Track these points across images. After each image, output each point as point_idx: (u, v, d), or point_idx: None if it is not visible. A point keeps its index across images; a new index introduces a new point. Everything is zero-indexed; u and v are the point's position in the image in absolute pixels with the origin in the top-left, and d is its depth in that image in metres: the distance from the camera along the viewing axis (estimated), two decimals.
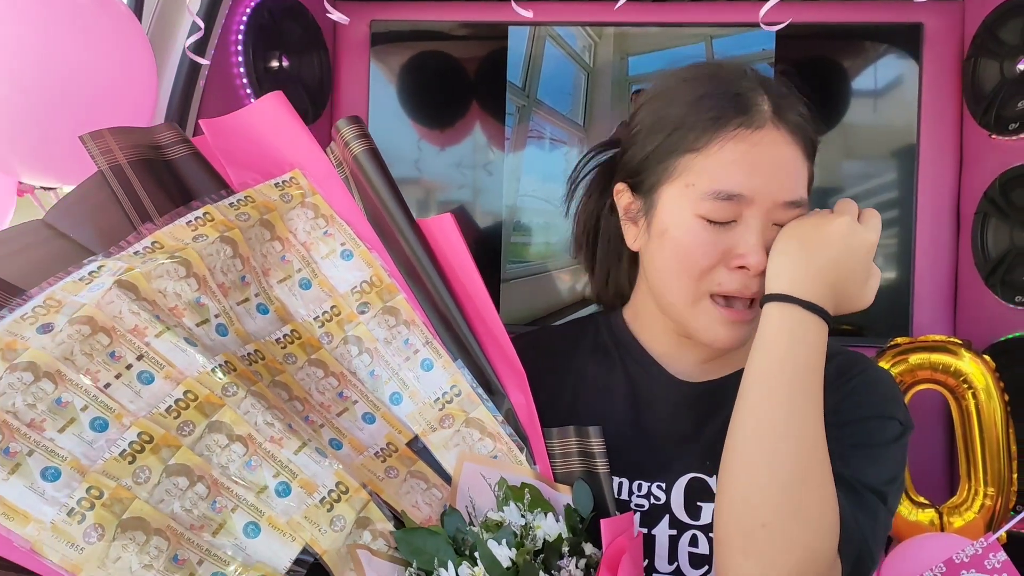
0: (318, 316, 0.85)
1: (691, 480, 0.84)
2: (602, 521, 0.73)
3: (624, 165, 0.88)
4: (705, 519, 0.83)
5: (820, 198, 1.94)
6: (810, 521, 0.70)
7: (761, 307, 0.76)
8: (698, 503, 0.83)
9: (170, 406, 0.70)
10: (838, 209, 0.79)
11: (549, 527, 0.73)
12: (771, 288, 0.76)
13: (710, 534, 0.82)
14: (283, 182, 0.88)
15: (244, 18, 1.80)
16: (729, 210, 0.78)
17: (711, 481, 0.83)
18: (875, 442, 0.79)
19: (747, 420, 0.74)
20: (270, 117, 0.90)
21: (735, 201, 0.77)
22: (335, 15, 1.39)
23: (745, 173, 0.77)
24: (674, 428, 0.87)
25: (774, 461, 0.71)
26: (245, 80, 1.82)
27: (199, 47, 1.57)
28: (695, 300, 0.81)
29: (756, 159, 0.78)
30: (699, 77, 0.84)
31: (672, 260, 0.82)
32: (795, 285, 0.74)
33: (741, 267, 0.78)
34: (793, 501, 0.70)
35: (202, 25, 1.49)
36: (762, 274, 0.77)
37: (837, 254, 0.76)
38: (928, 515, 1.61)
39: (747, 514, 0.71)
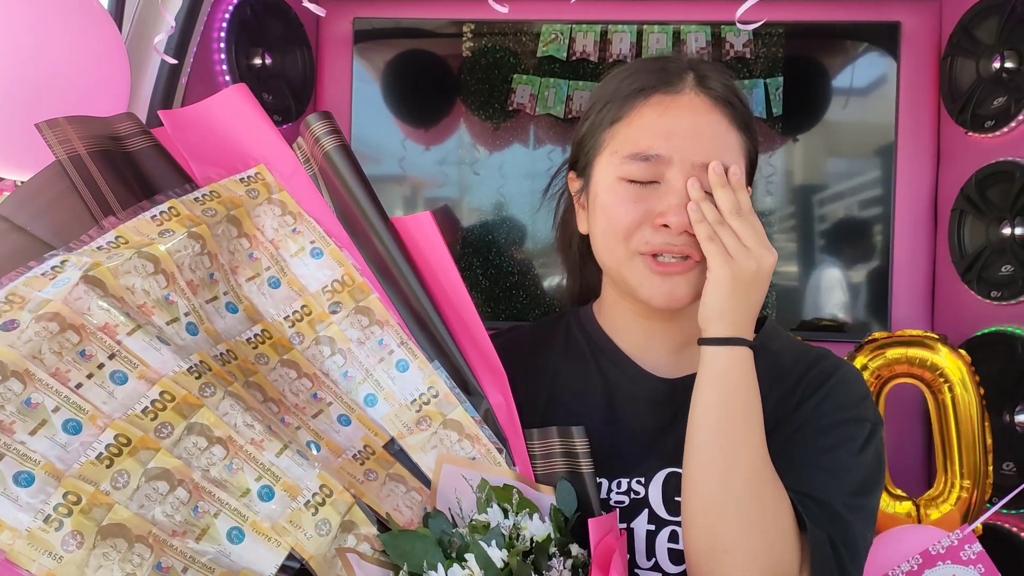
0: (288, 316, 0.83)
1: (669, 475, 0.85)
2: (589, 521, 0.74)
3: (572, 154, 0.92)
4: None
5: (803, 195, 1.96)
6: (768, 535, 0.74)
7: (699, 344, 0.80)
8: (676, 498, 0.84)
9: (146, 407, 0.67)
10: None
11: (535, 528, 0.74)
12: (709, 332, 0.79)
13: None
14: (248, 177, 0.86)
15: (226, 15, 1.78)
16: (648, 171, 0.81)
17: None
18: (848, 448, 0.82)
19: (700, 455, 0.77)
20: (233, 110, 0.87)
21: (653, 162, 0.81)
22: (312, 6, 1.38)
23: (662, 135, 0.81)
24: (651, 424, 0.88)
25: (729, 490, 0.75)
26: (227, 78, 1.80)
27: (180, 44, 1.56)
28: (628, 259, 0.83)
29: (672, 122, 0.81)
30: (635, 62, 0.89)
31: (602, 222, 0.85)
32: (735, 328, 0.78)
33: (664, 225, 0.80)
34: (749, 521, 0.74)
35: (172, 23, 1.48)
36: (685, 232, 0.80)
37: (765, 286, 0.80)
38: (905, 507, 1.63)
39: (711, 542, 0.75)
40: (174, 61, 1.53)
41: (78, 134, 0.80)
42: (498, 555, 0.70)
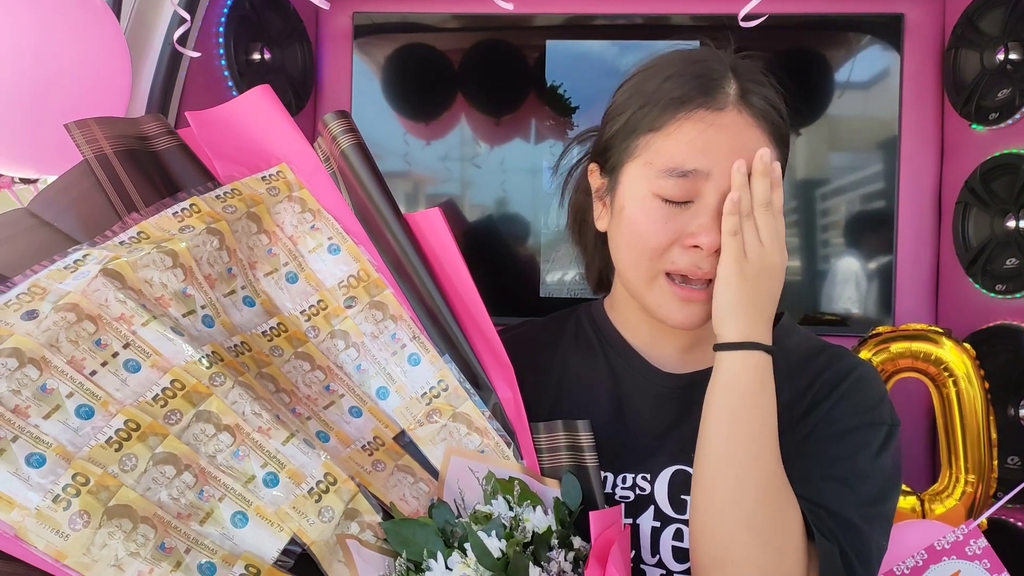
0: (304, 310, 0.84)
1: (675, 472, 0.84)
2: (591, 513, 0.73)
3: (597, 146, 0.89)
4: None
5: (805, 190, 1.95)
6: (777, 548, 0.73)
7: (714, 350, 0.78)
8: (682, 496, 0.83)
9: (157, 395, 0.70)
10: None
11: (538, 520, 0.74)
12: (723, 336, 0.77)
13: None
14: (270, 176, 0.88)
15: (225, 10, 1.78)
16: (684, 188, 0.78)
17: None
18: (864, 456, 0.80)
19: (711, 465, 0.76)
20: (257, 110, 0.90)
21: (690, 179, 0.78)
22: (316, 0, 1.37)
23: (700, 152, 0.77)
24: (658, 420, 0.87)
25: (740, 504, 0.74)
26: (227, 72, 1.80)
27: (180, 39, 1.55)
28: (650, 278, 0.81)
29: (713, 139, 0.78)
30: (674, 59, 0.85)
31: (628, 237, 0.82)
32: (748, 331, 0.76)
33: (695, 246, 0.78)
34: (759, 533, 0.73)
35: (188, 17, 1.47)
36: (716, 253, 0.78)
37: (777, 285, 0.78)
38: (910, 502, 1.63)
39: (720, 553, 0.74)
40: (196, 54, 1.52)
41: (105, 134, 0.83)
42: (496, 545, 0.70)
